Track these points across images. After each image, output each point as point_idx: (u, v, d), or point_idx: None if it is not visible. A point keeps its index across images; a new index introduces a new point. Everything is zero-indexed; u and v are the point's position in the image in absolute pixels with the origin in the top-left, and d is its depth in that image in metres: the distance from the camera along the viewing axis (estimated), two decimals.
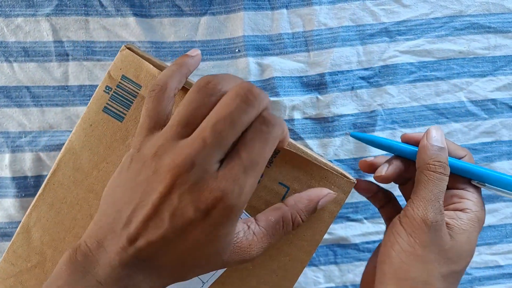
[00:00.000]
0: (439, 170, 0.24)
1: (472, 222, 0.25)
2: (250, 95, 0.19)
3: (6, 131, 0.36)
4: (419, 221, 0.24)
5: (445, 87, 0.38)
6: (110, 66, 0.26)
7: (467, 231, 0.25)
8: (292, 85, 0.37)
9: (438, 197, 0.24)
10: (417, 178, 0.25)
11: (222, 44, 0.37)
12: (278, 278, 0.26)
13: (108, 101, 0.25)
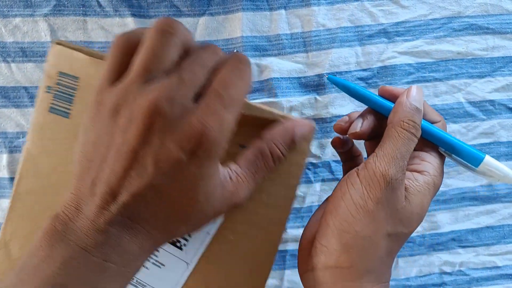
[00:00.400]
0: (412, 130, 0.24)
1: (427, 185, 0.24)
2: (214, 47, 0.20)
3: (4, 132, 0.36)
4: (378, 175, 0.23)
5: (444, 88, 0.38)
6: (45, 66, 0.25)
7: (421, 194, 0.24)
8: (291, 86, 0.37)
9: (404, 156, 0.23)
10: (387, 133, 0.24)
11: (221, 44, 0.37)
12: (261, 242, 0.26)
13: (52, 101, 0.25)
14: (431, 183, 0.25)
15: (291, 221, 0.38)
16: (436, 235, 0.39)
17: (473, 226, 0.39)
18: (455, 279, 0.39)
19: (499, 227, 0.39)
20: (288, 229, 0.38)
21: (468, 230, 0.39)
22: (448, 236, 0.39)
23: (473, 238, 0.39)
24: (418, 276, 0.39)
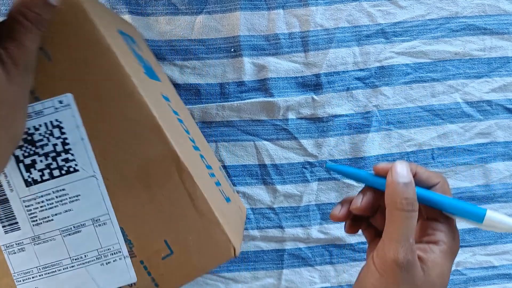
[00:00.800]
0: (407, 207, 0.24)
1: (444, 254, 0.25)
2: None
3: None
4: (390, 262, 0.24)
5: (441, 88, 0.38)
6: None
7: (439, 265, 0.24)
8: (288, 86, 0.37)
9: (408, 235, 0.24)
10: (387, 218, 0.25)
11: (218, 43, 0.37)
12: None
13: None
14: (447, 251, 0.25)
15: (289, 220, 0.38)
16: None
17: (470, 226, 0.39)
18: (452, 279, 0.39)
19: None
20: (285, 228, 0.38)
21: (465, 230, 0.39)
22: None
23: (470, 238, 0.39)
24: None
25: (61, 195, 0.24)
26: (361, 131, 0.38)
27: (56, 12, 0.21)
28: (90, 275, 0.25)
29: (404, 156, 0.38)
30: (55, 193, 0.24)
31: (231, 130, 0.37)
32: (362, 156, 0.38)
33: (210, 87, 0.37)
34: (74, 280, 0.25)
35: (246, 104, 0.37)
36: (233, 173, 0.37)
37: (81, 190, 0.24)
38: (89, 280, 0.25)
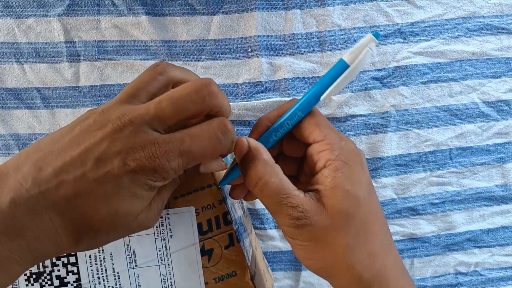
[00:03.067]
0: (263, 178, 0.23)
1: (339, 171, 0.22)
2: (205, 90, 0.21)
3: (16, 133, 0.36)
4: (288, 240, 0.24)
5: (458, 88, 0.39)
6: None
7: (339, 185, 0.22)
8: (305, 86, 0.38)
9: (277, 198, 0.22)
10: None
11: (235, 43, 0.37)
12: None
13: None
14: (340, 167, 0.22)
15: None
16: (451, 235, 0.40)
17: (488, 226, 0.39)
18: (470, 279, 0.40)
19: None
20: None
21: (484, 230, 0.39)
22: (463, 236, 0.39)
23: (488, 238, 0.40)
24: (433, 276, 0.40)
25: None
26: (378, 131, 0.38)
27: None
28: None
29: (422, 157, 0.39)
30: None
31: (247, 129, 0.38)
32: (380, 156, 0.38)
33: (226, 87, 0.38)
34: None
35: (262, 104, 0.37)
36: None
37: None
38: None
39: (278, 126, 0.25)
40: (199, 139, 0.21)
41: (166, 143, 0.20)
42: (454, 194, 0.39)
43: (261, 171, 0.23)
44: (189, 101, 0.21)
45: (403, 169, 0.39)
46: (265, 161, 0.23)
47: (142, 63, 0.37)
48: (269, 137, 0.25)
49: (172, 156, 0.20)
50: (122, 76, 0.37)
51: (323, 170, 0.23)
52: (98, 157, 0.20)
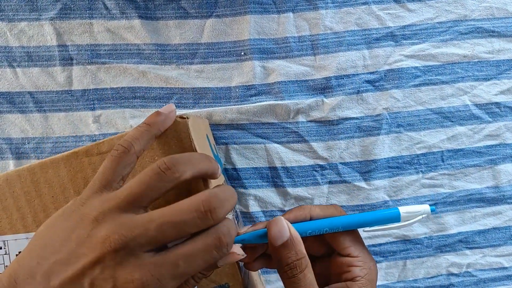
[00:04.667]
0: (291, 274, 0.25)
1: (363, 287, 0.26)
2: (208, 213, 0.21)
3: (8, 138, 0.37)
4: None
5: (450, 91, 0.39)
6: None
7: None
8: (298, 89, 0.38)
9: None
10: (283, 283, 0.26)
11: (228, 46, 0.38)
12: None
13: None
14: (366, 284, 0.26)
15: None
16: (443, 236, 0.40)
17: (480, 227, 0.40)
18: (462, 280, 0.40)
19: (506, 228, 0.40)
20: None
21: (475, 231, 0.40)
22: (455, 237, 0.40)
23: (480, 239, 0.40)
24: (426, 277, 0.40)
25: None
26: (371, 134, 0.39)
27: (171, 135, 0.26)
28: None
29: (414, 159, 0.39)
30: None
31: (241, 133, 0.38)
32: (372, 159, 0.39)
33: (219, 91, 0.38)
34: None
35: (255, 107, 0.38)
36: (244, 175, 0.38)
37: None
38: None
39: (317, 226, 0.27)
40: (193, 260, 0.21)
41: (159, 267, 0.21)
42: (446, 196, 0.40)
43: (303, 264, 0.25)
44: (193, 225, 0.21)
45: (396, 171, 0.40)
46: (304, 254, 0.25)
47: (135, 67, 0.37)
48: (305, 231, 0.27)
49: (165, 281, 0.21)
50: (115, 80, 0.37)
51: (350, 283, 0.26)
52: (91, 282, 0.20)
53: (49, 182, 0.27)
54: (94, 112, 0.37)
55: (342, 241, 0.27)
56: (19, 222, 0.27)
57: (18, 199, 0.27)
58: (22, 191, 0.27)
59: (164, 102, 0.38)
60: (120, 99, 0.37)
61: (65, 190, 0.27)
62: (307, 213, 0.28)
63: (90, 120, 0.37)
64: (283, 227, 0.25)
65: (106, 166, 0.23)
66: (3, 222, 0.27)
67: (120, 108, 0.37)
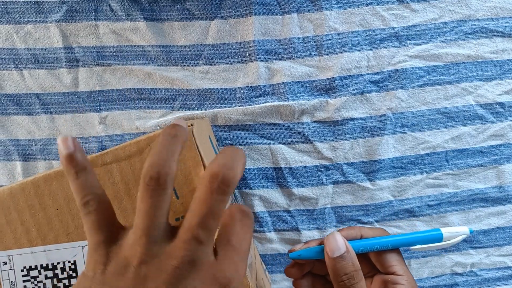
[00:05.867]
0: (349, 283, 0.27)
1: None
2: (223, 186, 0.21)
3: (15, 139, 0.37)
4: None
5: (454, 91, 0.40)
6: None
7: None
8: (302, 90, 0.39)
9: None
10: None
11: (233, 48, 0.38)
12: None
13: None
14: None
15: (305, 222, 0.39)
16: None
17: (484, 227, 0.40)
18: (466, 279, 0.41)
19: (510, 228, 0.41)
20: (302, 231, 0.39)
21: (479, 231, 0.41)
22: None
23: (484, 239, 0.41)
24: (430, 277, 0.41)
25: None
26: (375, 134, 0.39)
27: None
28: None
29: (418, 159, 0.40)
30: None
31: (246, 134, 0.39)
32: (377, 159, 0.39)
33: (224, 92, 0.38)
34: None
35: (260, 108, 0.38)
36: (249, 176, 0.39)
37: None
38: None
39: (369, 244, 0.29)
40: (243, 237, 0.22)
41: (230, 260, 0.21)
42: (450, 196, 0.40)
43: (359, 276, 0.27)
44: (221, 203, 0.21)
45: (400, 171, 0.40)
46: (359, 267, 0.27)
47: (140, 68, 0.37)
48: (358, 248, 0.29)
49: (240, 268, 0.22)
50: (120, 81, 0.38)
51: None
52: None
53: (53, 195, 0.27)
54: (100, 114, 0.37)
55: (388, 260, 0.29)
56: (24, 236, 0.27)
57: (22, 212, 0.27)
58: (26, 204, 0.27)
59: (169, 103, 0.38)
60: (126, 100, 0.38)
61: (70, 202, 0.27)
62: (358, 232, 0.30)
63: (96, 121, 0.37)
64: (340, 240, 0.27)
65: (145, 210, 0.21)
66: (7, 237, 0.27)
67: (126, 109, 0.38)
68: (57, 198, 0.27)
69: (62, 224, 0.27)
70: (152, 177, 0.20)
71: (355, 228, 0.30)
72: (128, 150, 0.27)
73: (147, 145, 0.27)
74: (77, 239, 0.27)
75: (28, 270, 0.27)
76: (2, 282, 0.27)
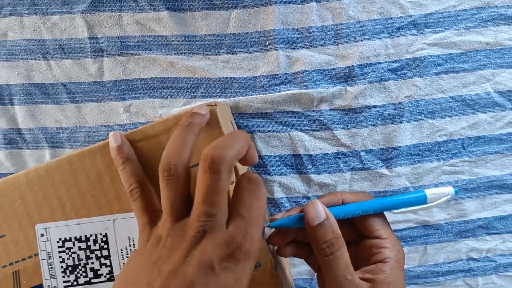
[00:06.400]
0: (329, 251, 0.27)
1: (393, 270, 0.28)
2: (214, 166, 0.23)
3: (44, 127, 0.39)
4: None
5: (472, 79, 0.40)
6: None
7: (392, 282, 0.27)
8: (321, 78, 0.39)
9: (344, 274, 0.27)
10: (319, 262, 0.28)
11: (253, 37, 0.39)
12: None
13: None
14: (396, 266, 0.28)
15: None
16: (463, 222, 0.41)
17: (500, 213, 0.41)
18: (482, 265, 0.42)
19: None
20: None
21: (495, 217, 0.41)
22: (475, 223, 0.41)
23: (500, 225, 0.41)
24: (446, 262, 0.42)
25: None
26: (393, 121, 0.40)
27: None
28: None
29: (435, 146, 0.40)
30: None
31: (266, 121, 0.40)
32: (394, 146, 0.40)
33: (245, 80, 0.39)
34: None
35: (280, 96, 0.39)
36: (269, 163, 0.40)
37: None
38: None
39: (350, 209, 0.29)
40: (250, 204, 0.24)
41: (238, 228, 0.24)
42: (467, 183, 0.41)
43: (340, 243, 0.27)
44: (217, 181, 0.23)
45: (417, 158, 0.41)
46: (340, 234, 0.27)
47: (163, 57, 0.38)
48: (339, 214, 0.29)
49: (250, 233, 0.24)
50: (144, 70, 0.39)
51: (380, 265, 0.28)
52: (199, 261, 0.23)
53: (86, 171, 0.28)
54: (124, 102, 0.39)
55: (372, 224, 0.29)
56: (59, 210, 0.29)
57: (58, 188, 0.29)
58: (62, 181, 0.29)
59: (191, 92, 0.39)
60: (149, 89, 0.39)
61: (101, 178, 0.28)
62: (339, 198, 0.29)
63: (121, 109, 0.39)
64: (319, 208, 0.27)
65: (169, 196, 0.25)
66: (44, 211, 0.29)
67: (150, 98, 0.39)
68: (89, 175, 0.28)
69: (94, 199, 0.28)
70: (165, 169, 0.24)
71: (336, 194, 0.30)
72: (156, 128, 0.28)
73: (174, 124, 0.28)
74: (108, 213, 0.29)
75: (63, 241, 0.29)
76: (39, 253, 0.29)
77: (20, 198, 0.28)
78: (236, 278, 0.23)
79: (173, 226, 0.24)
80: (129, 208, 0.28)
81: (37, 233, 0.29)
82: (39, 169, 0.28)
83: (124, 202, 0.28)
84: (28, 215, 0.28)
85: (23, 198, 0.28)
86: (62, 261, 0.29)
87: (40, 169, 0.28)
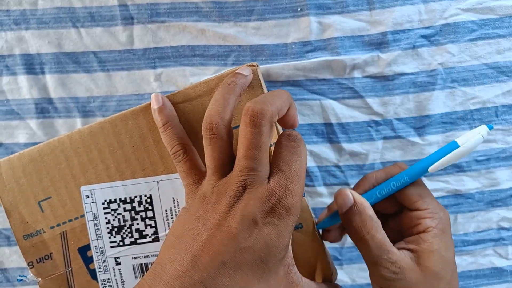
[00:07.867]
0: (360, 234, 0.27)
1: (437, 238, 0.28)
2: (255, 119, 0.24)
3: (75, 96, 0.39)
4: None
5: (507, 45, 0.40)
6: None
7: (436, 250, 0.27)
8: (354, 45, 0.39)
9: (379, 254, 0.27)
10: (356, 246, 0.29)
11: (284, 3, 0.39)
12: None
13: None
14: (439, 233, 0.28)
15: (355, 177, 0.41)
16: (495, 191, 0.42)
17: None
18: None
19: None
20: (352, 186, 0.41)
21: None
22: (507, 192, 0.42)
23: None
24: (476, 231, 0.42)
25: None
26: (426, 89, 0.40)
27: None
28: None
29: (468, 114, 0.40)
30: None
31: (297, 90, 0.40)
32: (427, 114, 0.40)
33: (276, 47, 0.39)
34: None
35: (312, 63, 0.39)
36: (300, 132, 0.40)
37: None
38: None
39: (384, 185, 0.29)
40: (290, 161, 0.25)
41: (279, 184, 0.24)
42: (499, 151, 0.41)
43: (368, 226, 0.27)
44: (259, 135, 0.24)
45: (449, 126, 0.41)
46: (370, 216, 0.28)
47: (193, 25, 0.38)
48: (373, 195, 0.29)
49: (290, 188, 0.24)
50: (174, 38, 0.39)
51: (423, 235, 0.28)
52: (242, 215, 0.23)
53: (130, 133, 0.29)
54: (155, 71, 0.39)
55: (409, 197, 0.29)
56: (104, 172, 0.29)
57: (102, 150, 0.29)
58: (106, 143, 0.29)
59: (222, 59, 0.39)
60: (180, 57, 0.39)
61: (145, 140, 0.29)
62: (373, 181, 0.30)
63: (152, 78, 0.39)
64: (346, 195, 0.28)
65: (211, 155, 0.25)
66: (89, 173, 0.29)
67: (180, 66, 0.39)
68: (133, 136, 0.29)
69: (138, 161, 0.29)
70: (207, 128, 0.25)
71: (368, 177, 0.31)
72: (198, 89, 0.28)
73: (216, 85, 0.28)
74: (152, 174, 0.29)
75: (108, 203, 0.30)
76: (86, 214, 0.29)
77: (65, 161, 0.29)
78: (279, 233, 0.24)
79: (217, 183, 0.25)
80: (173, 169, 0.29)
81: (83, 195, 0.29)
82: (83, 132, 0.29)
83: (168, 164, 0.29)
84: (73, 177, 0.29)
85: (68, 161, 0.29)
86: (107, 222, 0.29)
87: (83, 131, 0.29)
